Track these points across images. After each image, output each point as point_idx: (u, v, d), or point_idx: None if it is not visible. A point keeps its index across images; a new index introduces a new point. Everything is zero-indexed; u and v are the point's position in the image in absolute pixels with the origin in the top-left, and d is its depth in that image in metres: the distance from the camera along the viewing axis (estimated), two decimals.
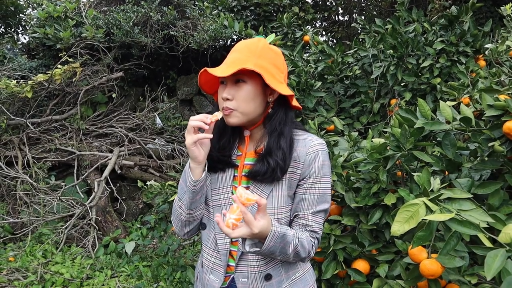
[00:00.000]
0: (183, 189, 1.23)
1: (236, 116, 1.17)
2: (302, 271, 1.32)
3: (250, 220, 1.00)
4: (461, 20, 2.89)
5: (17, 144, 4.80)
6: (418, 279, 1.47)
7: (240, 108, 1.16)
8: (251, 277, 1.23)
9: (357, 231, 1.87)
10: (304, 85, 3.08)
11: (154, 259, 3.67)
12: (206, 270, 1.31)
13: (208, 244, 1.30)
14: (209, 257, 1.30)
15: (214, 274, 1.28)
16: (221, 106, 1.18)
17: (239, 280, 1.24)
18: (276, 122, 1.20)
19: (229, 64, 1.15)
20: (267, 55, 1.18)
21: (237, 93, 1.16)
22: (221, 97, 1.17)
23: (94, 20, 5.03)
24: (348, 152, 2.05)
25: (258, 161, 1.20)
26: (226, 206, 1.25)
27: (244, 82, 1.16)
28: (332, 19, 7.30)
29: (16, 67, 5.46)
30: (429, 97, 2.83)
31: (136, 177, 4.82)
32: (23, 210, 4.22)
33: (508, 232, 1.11)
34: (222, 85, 1.20)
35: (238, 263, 1.24)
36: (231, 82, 1.17)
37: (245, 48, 1.18)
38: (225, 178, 1.26)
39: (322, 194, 1.21)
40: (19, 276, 3.35)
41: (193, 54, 5.78)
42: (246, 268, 1.24)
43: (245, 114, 1.17)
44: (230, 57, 1.19)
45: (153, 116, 5.53)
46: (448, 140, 1.60)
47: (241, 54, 1.17)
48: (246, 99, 1.16)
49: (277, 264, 1.25)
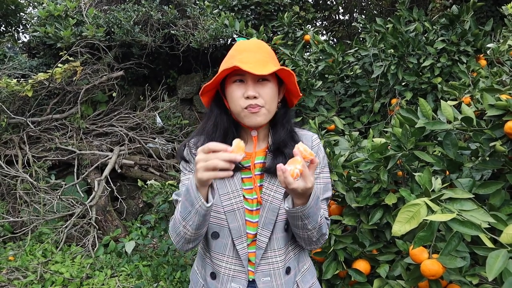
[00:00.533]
0: (187, 210, 1.10)
1: (264, 114, 1.17)
2: (308, 263, 1.37)
3: (307, 174, 1.02)
4: (462, 19, 2.88)
5: (17, 143, 4.80)
6: (419, 279, 1.46)
7: (267, 106, 1.17)
8: (274, 274, 1.24)
9: (357, 231, 1.87)
10: (304, 84, 3.08)
11: (154, 259, 3.67)
12: (226, 280, 1.25)
13: (225, 253, 1.25)
14: (229, 265, 1.25)
15: (235, 282, 1.24)
16: (242, 104, 1.15)
17: (260, 280, 1.23)
18: (284, 120, 1.26)
19: (255, 63, 1.13)
20: (274, 56, 1.24)
21: (262, 91, 1.16)
22: (246, 95, 1.14)
23: (94, 19, 5.03)
24: (348, 152, 2.05)
25: (275, 156, 1.23)
26: (239, 211, 1.22)
27: (268, 81, 1.17)
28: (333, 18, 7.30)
29: (17, 66, 5.45)
30: (430, 96, 2.82)
31: (136, 176, 4.82)
32: (23, 209, 4.21)
33: (510, 233, 1.10)
34: (238, 83, 1.16)
35: (259, 263, 1.24)
36: (254, 81, 1.15)
37: (258, 48, 1.20)
38: (233, 182, 1.24)
39: (326, 183, 1.30)
40: (19, 276, 3.35)
41: (193, 53, 5.77)
42: (267, 267, 1.24)
43: (270, 112, 1.19)
44: (248, 56, 1.15)
45: (153, 115, 5.52)
46: (449, 140, 1.59)
47: (257, 54, 1.17)
48: (272, 97, 1.18)
49: (292, 257, 1.29)
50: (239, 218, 1.22)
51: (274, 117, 1.25)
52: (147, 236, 3.99)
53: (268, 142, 1.28)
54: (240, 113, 1.17)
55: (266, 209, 1.22)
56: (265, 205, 1.22)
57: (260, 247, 1.22)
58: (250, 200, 1.24)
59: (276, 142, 1.24)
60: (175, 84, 6.24)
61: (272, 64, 1.16)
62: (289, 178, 1.00)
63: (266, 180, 1.23)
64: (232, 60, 1.15)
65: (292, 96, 1.28)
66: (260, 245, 1.22)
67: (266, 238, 1.22)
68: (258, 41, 1.24)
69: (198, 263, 1.37)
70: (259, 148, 1.28)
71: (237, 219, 1.22)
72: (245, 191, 1.25)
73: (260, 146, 1.28)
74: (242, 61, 1.12)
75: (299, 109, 3.13)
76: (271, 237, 1.23)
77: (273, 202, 1.22)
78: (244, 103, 1.15)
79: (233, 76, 1.17)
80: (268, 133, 1.29)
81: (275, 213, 1.21)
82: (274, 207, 1.21)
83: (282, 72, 1.17)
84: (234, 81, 1.17)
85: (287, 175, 1.00)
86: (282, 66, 1.15)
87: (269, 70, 1.11)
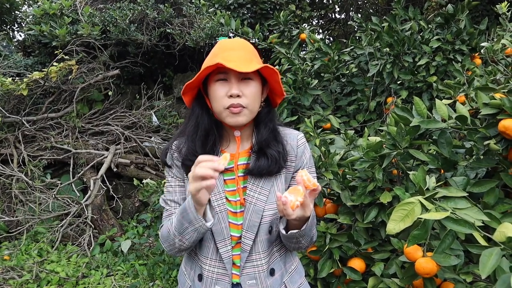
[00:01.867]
0: (183, 226, 1.09)
1: (245, 115, 1.14)
2: (295, 263, 1.36)
3: (308, 203, 1.04)
4: (457, 18, 2.89)
5: (12, 142, 4.77)
6: (414, 277, 1.47)
7: (250, 106, 1.14)
8: (258, 276, 1.22)
9: (353, 229, 1.87)
10: (300, 83, 3.08)
11: (150, 258, 3.66)
12: (210, 283, 1.23)
13: (208, 255, 1.23)
14: (212, 268, 1.23)
15: (219, 285, 1.22)
16: (225, 104, 1.13)
17: (246, 283, 1.22)
18: (267, 119, 1.23)
19: (239, 61, 1.10)
20: (257, 55, 1.22)
21: (246, 90, 1.13)
22: (229, 94, 1.12)
23: (90, 18, 5.01)
24: (344, 151, 2.05)
25: (258, 157, 1.20)
26: (222, 213, 1.19)
27: (251, 79, 1.15)
28: (329, 17, 7.30)
29: (12, 65, 5.43)
30: (426, 95, 2.83)
31: (132, 175, 4.81)
32: (18, 208, 4.19)
33: (503, 231, 1.11)
34: (221, 82, 1.14)
35: (244, 265, 1.22)
36: (237, 80, 1.13)
37: (241, 47, 1.17)
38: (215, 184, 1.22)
39: None
40: (14, 275, 3.34)
41: (189, 52, 5.76)
42: (252, 270, 1.22)
43: (253, 112, 1.17)
44: (232, 54, 1.13)
45: (149, 114, 5.51)
46: (444, 139, 1.60)
47: (241, 52, 1.15)
48: (254, 96, 1.16)
49: (277, 258, 1.27)
50: (222, 220, 1.19)
51: (257, 116, 1.22)
52: (143, 235, 3.99)
53: (252, 143, 1.25)
54: (222, 113, 1.14)
55: (250, 212, 1.20)
56: (249, 207, 1.20)
57: (245, 250, 1.20)
58: (233, 202, 1.22)
59: (259, 142, 1.21)
60: (171, 83, 6.23)
61: (256, 63, 1.15)
62: (288, 210, 1.00)
63: (249, 181, 1.21)
64: (215, 58, 1.13)
65: (276, 96, 1.26)
66: (244, 248, 1.20)
67: (250, 241, 1.20)
68: (241, 40, 1.22)
69: (187, 264, 1.33)
70: (243, 148, 1.25)
71: (220, 221, 1.19)
72: (228, 193, 1.22)
73: (244, 147, 1.26)
74: (225, 59, 1.10)
75: (295, 107, 3.13)
76: (255, 240, 1.21)
77: (257, 204, 1.20)
78: (227, 102, 1.13)
79: (216, 75, 1.14)
80: (251, 133, 1.26)
81: (259, 215, 1.19)
82: (258, 209, 1.19)
83: (266, 70, 1.14)
84: (217, 80, 1.14)
85: (287, 207, 1.00)
86: (266, 64, 1.13)
87: (253, 67, 1.09)
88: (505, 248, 1.10)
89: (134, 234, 3.90)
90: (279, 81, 1.18)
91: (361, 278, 1.72)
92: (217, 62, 1.07)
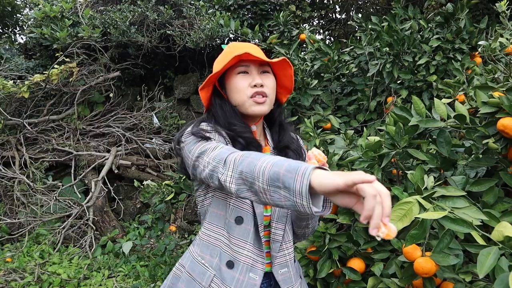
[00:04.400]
0: (275, 183, 0.84)
1: (268, 104, 1.20)
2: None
3: None
4: (457, 17, 2.88)
5: (14, 145, 4.79)
6: (413, 277, 1.46)
7: (270, 96, 1.20)
8: (289, 264, 1.26)
9: (352, 229, 1.86)
10: (300, 83, 3.07)
11: (152, 259, 3.67)
12: (246, 269, 1.17)
13: (248, 240, 1.18)
14: (250, 254, 1.18)
15: (253, 272, 1.18)
16: (249, 93, 1.17)
17: (278, 272, 1.23)
18: (279, 116, 1.30)
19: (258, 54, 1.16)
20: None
21: (266, 81, 1.20)
22: (254, 83, 1.17)
23: (90, 20, 5.02)
24: (343, 151, 2.05)
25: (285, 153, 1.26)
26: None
27: (269, 73, 1.22)
28: (329, 17, 7.29)
29: (13, 67, 5.46)
30: (426, 94, 2.83)
31: (133, 176, 4.82)
32: (20, 210, 4.21)
33: (501, 230, 1.10)
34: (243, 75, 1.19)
35: (277, 255, 1.23)
36: (258, 72, 1.19)
37: (252, 46, 1.24)
38: None
39: None
40: (16, 277, 3.35)
41: (190, 53, 5.76)
42: (284, 258, 1.25)
43: (272, 103, 1.22)
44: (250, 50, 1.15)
45: (150, 115, 5.52)
46: (443, 138, 1.59)
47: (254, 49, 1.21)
48: (273, 88, 1.22)
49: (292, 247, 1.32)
50: (261, 205, 1.19)
51: (271, 114, 1.27)
52: (145, 237, 3.99)
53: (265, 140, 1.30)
54: (246, 102, 1.18)
55: None
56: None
57: (277, 240, 1.22)
58: None
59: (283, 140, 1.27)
60: (172, 84, 6.24)
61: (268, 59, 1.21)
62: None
63: None
64: (232, 55, 1.15)
65: (281, 94, 1.31)
66: (276, 238, 1.22)
67: (281, 231, 1.24)
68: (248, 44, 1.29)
69: (204, 251, 1.22)
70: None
71: (260, 205, 1.19)
72: None
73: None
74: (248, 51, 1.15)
75: (295, 108, 3.13)
76: (285, 229, 1.25)
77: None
78: (251, 91, 1.17)
79: (237, 68, 1.19)
80: (262, 130, 1.30)
81: None
82: None
83: (281, 64, 1.20)
84: (238, 73, 1.19)
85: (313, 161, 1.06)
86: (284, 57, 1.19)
87: (274, 59, 1.16)
88: (503, 248, 1.09)
89: (136, 236, 3.90)
90: (292, 75, 1.23)
91: (360, 278, 1.72)
92: (245, 51, 1.12)
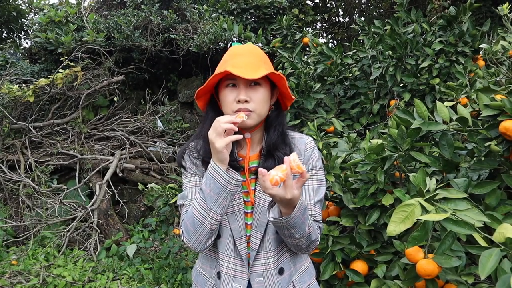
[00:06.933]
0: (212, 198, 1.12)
1: (253, 118, 1.19)
2: (307, 263, 1.39)
3: (290, 185, 1.03)
4: (459, 20, 2.89)
5: (19, 148, 4.83)
6: (416, 279, 1.47)
7: (257, 110, 1.19)
8: (266, 274, 1.27)
9: (355, 232, 1.87)
10: (303, 86, 3.09)
11: (156, 262, 3.68)
12: (228, 280, 1.28)
13: (227, 252, 1.28)
14: (230, 265, 1.28)
15: (236, 281, 1.27)
16: (234, 108, 1.18)
17: (254, 280, 1.27)
18: (276, 123, 1.28)
19: (246, 67, 1.15)
20: (268, 61, 1.26)
21: (253, 96, 1.18)
22: (238, 99, 1.17)
23: (95, 24, 5.06)
24: (346, 153, 2.06)
25: (267, 158, 1.25)
26: (240, 212, 1.25)
27: (260, 85, 1.20)
28: (333, 21, 7.30)
29: (19, 72, 5.51)
30: (428, 97, 2.83)
31: (137, 180, 4.84)
32: (25, 213, 4.23)
33: (502, 232, 1.11)
34: (231, 88, 1.19)
35: (253, 263, 1.27)
36: (246, 85, 1.18)
37: (250, 53, 1.22)
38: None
39: (319, 185, 1.29)
40: (22, 279, 3.37)
41: (193, 57, 5.79)
42: (260, 267, 1.27)
43: (260, 116, 1.21)
44: (240, 61, 1.18)
45: (154, 119, 5.55)
46: (445, 140, 1.60)
47: (249, 58, 1.20)
48: (262, 101, 1.20)
49: (287, 258, 1.32)
50: (240, 219, 1.25)
51: (267, 120, 1.27)
52: (149, 239, 4.01)
53: (261, 146, 1.30)
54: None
55: (258, 212, 1.25)
56: (257, 208, 1.25)
57: (253, 248, 1.26)
58: (246, 202, 1.27)
59: (268, 145, 1.26)
60: (176, 88, 6.27)
61: (264, 68, 1.18)
62: (266, 182, 1.01)
63: (258, 183, 1.25)
64: (225, 65, 1.18)
65: (285, 99, 1.31)
66: (253, 246, 1.26)
67: (258, 240, 1.25)
68: (251, 46, 1.27)
69: (205, 263, 1.37)
70: (253, 152, 1.29)
71: (238, 220, 1.25)
72: (245, 194, 1.28)
73: (255, 150, 1.30)
74: (234, 66, 1.15)
75: (298, 111, 3.14)
76: (263, 239, 1.26)
77: (264, 205, 1.24)
78: (235, 107, 1.18)
79: (226, 81, 1.20)
80: (262, 137, 1.30)
81: (266, 216, 1.21)
82: (265, 210, 1.21)
83: (273, 76, 1.19)
84: (226, 86, 1.20)
85: (266, 179, 1.01)
86: (273, 71, 1.18)
87: (260, 74, 1.13)
88: (505, 249, 1.10)
89: (140, 238, 3.92)
90: (286, 85, 1.22)
91: (363, 280, 1.73)
92: (226, 69, 1.13)
